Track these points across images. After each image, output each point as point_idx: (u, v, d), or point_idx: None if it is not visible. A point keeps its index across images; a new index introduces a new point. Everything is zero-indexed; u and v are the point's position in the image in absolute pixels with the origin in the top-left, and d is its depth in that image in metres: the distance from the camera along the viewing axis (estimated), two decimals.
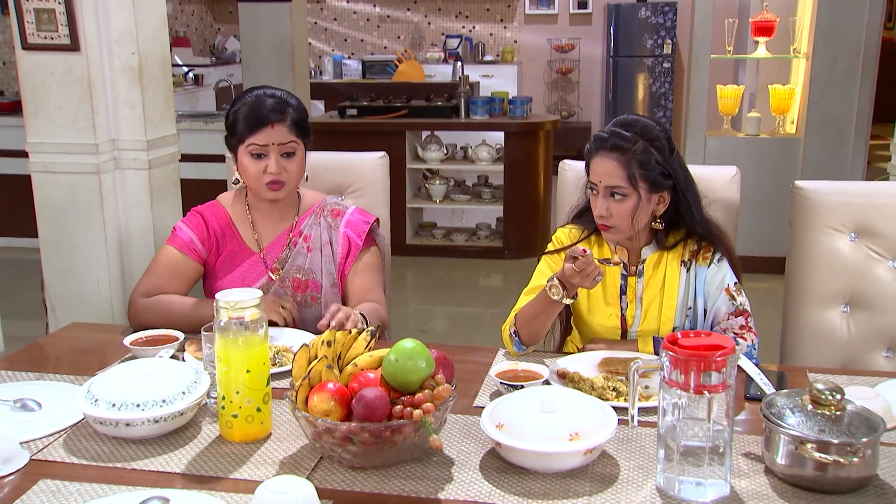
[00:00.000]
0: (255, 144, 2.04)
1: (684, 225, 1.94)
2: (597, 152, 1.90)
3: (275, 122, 2.04)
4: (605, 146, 1.88)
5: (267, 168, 2.04)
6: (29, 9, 3.14)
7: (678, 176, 1.89)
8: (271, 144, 2.04)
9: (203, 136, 5.38)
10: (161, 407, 1.47)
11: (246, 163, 2.07)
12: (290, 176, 2.08)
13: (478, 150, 5.83)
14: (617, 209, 1.88)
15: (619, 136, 1.88)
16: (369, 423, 1.33)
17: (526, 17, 9.26)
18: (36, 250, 3.34)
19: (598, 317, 1.99)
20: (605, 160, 1.88)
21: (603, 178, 1.89)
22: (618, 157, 1.87)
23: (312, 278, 2.14)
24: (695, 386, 1.29)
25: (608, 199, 1.89)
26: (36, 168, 3.27)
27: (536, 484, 1.36)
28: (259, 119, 2.04)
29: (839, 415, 1.34)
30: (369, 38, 9.56)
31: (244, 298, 1.46)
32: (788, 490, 1.34)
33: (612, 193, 1.88)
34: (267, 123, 2.04)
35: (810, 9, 5.16)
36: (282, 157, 2.06)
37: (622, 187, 1.87)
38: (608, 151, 1.88)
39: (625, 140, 1.87)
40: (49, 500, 1.31)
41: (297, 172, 2.10)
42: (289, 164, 2.07)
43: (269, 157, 2.05)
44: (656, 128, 1.89)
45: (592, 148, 1.92)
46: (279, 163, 2.05)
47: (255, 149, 2.04)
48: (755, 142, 5.19)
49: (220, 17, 9.18)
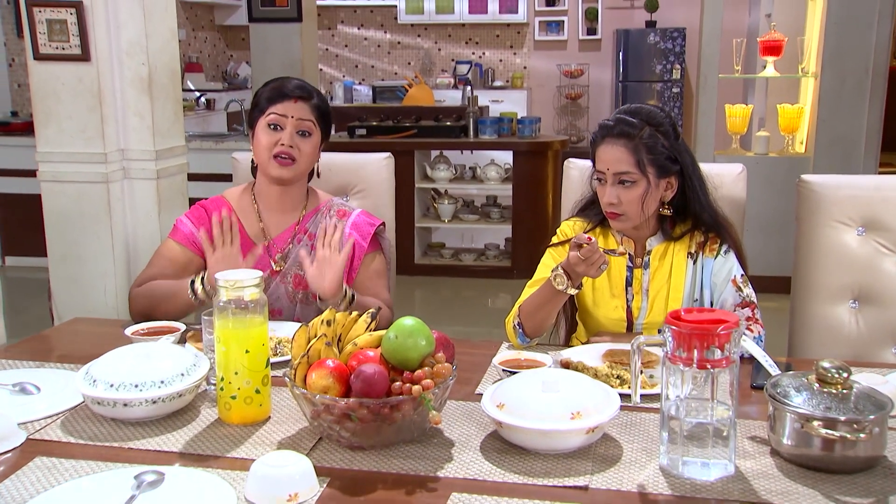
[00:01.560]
0: (274, 114, 2.06)
1: (691, 212, 1.93)
2: (603, 140, 1.90)
3: (298, 98, 2.07)
4: (612, 133, 1.88)
5: (280, 140, 2.05)
6: (41, 19, 3.18)
7: (685, 160, 1.89)
8: (290, 117, 2.05)
9: (213, 156, 5.41)
10: (159, 388, 1.46)
11: (261, 135, 2.07)
12: (301, 155, 2.07)
13: (486, 169, 5.84)
14: (626, 196, 1.87)
15: (625, 122, 1.87)
16: (367, 399, 1.31)
17: (535, 44, 9.33)
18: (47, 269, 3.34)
19: (603, 309, 1.97)
20: (612, 147, 1.87)
21: (611, 165, 1.88)
22: (625, 143, 1.86)
23: None
24: (698, 361, 1.27)
25: (617, 186, 1.88)
26: (45, 177, 3.29)
27: (538, 464, 1.33)
28: (284, 92, 2.08)
29: (846, 393, 1.31)
30: (380, 65, 9.65)
31: (244, 278, 1.45)
32: (795, 470, 1.31)
33: (621, 181, 1.87)
34: (291, 97, 2.07)
35: (818, 28, 5.17)
36: (297, 134, 2.06)
37: (631, 173, 1.86)
38: (615, 138, 1.87)
39: (631, 126, 1.87)
40: (44, 476, 1.30)
41: (308, 154, 2.09)
42: (303, 143, 2.07)
43: (284, 130, 2.06)
44: (661, 114, 1.89)
45: (598, 136, 1.91)
46: (293, 137, 2.06)
47: (273, 118, 2.05)
48: (764, 160, 5.18)
49: (233, 43, 9.28)
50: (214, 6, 8.86)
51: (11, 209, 5.82)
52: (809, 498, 1.23)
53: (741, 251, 1.93)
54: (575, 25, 9.19)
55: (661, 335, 1.31)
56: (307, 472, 1.24)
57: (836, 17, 4.94)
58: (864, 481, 1.27)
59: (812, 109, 5.26)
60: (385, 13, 9.50)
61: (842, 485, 1.26)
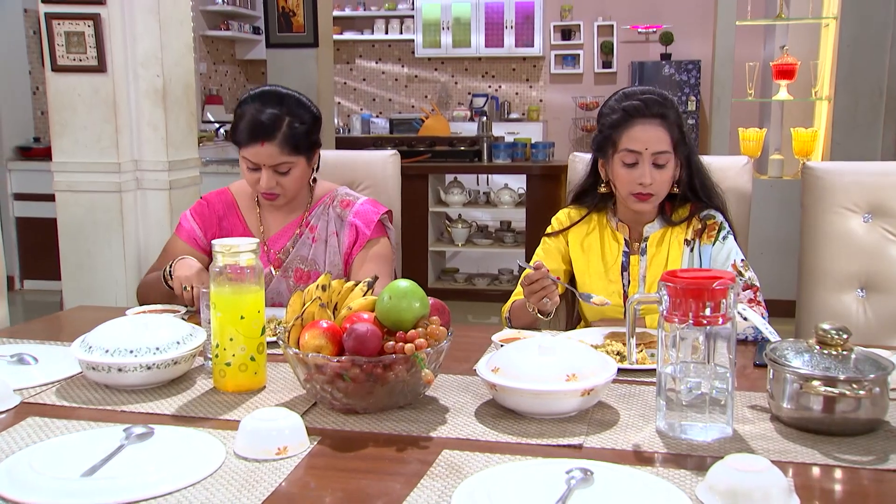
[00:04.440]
0: (246, 159, 2.03)
1: (693, 191, 1.92)
2: (633, 120, 1.87)
3: (265, 141, 1.98)
4: (647, 113, 1.87)
5: (260, 181, 2.03)
6: (60, 32, 3.25)
7: (691, 138, 1.90)
8: (262, 164, 2.01)
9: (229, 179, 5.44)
10: (154, 354, 1.46)
11: (243, 168, 2.06)
12: (285, 189, 2.05)
13: (500, 193, 5.85)
14: (660, 176, 1.88)
15: (656, 102, 1.88)
16: (360, 358, 1.30)
17: (551, 77, 9.39)
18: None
19: (599, 294, 1.95)
20: (649, 126, 1.86)
21: (650, 145, 1.86)
22: (661, 122, 1.87)
23: (315, 269, 2.12)
24: (694, 317, 1.25)
25: (651, 167, 1.87)
26: (60, 187, 3.34)
27: (532, 426, 1.31)
28: (251, 134, 1.99)
29: (846, 354, 1.29)
30: (397, 98, 9.74)
31: (240, 243, 1.45)
32: (795, 433, 1.28)
33: (656, 162, 1.86)
34: (257, 141, 1.98)
35: (831, 52, 5.18)
36: (276, 173, 2.02)
37: (667, 153, 1.87)
38: (651, 118, 1.87)
39: (662, 104, 1.88)
40: (35, 433, 1.29)
41: (293, 185, 2.06)
42: (284, 178, 2.03)
43: (262, 172, 2.02)
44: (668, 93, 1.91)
45: (625, 117, 1.88)
46: (271, 178, 2.01)
47: (247, 163, 2.03)
48: (778, 184, 5.16)
49: (252, 77, 9.42)
50: (235, 41, 9.02)
51: (30, 233, 5.90)
52: (808, 456, 1.20)
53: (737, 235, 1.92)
54: (590, 59, 9.25)
55: (657, 294, 1.29)
56: (297, 427, 1.23)
57: (848, 41, 4.95)
58: (865, 442, 1.24)
59: (826, 133, 5.24)
60: (402, 47, 9.62)
61: (842, 445, 1.23)
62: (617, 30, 9.10)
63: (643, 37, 9.09)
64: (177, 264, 1.95)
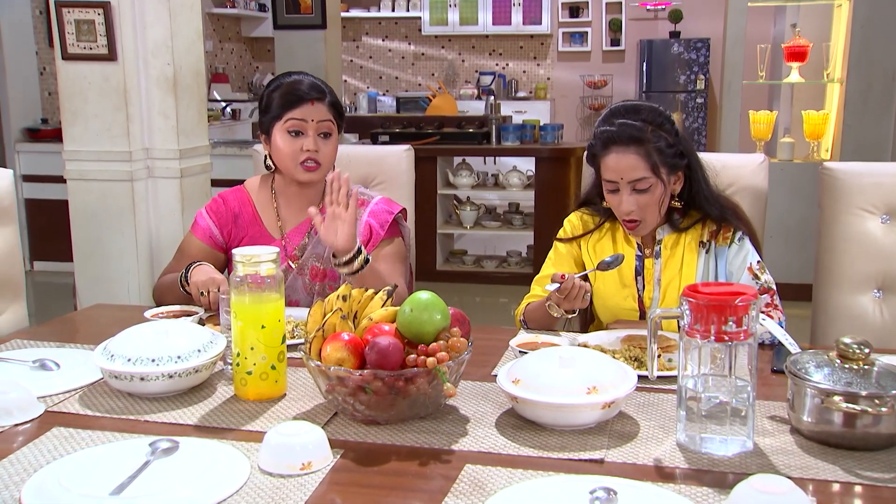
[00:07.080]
0: (293, 119, 2.03)
1: (696, 204, 1.91)
2: (608, 149, 1.84)
3: (314, 100, 2.04)
4: (619, 141, 1.82)
5: (304, 146, 2.03)
6: (70, 20, 3.24)
7: (690, 153, 1.87)
8: (310, 121, 2.03)
9: (237, 162, 5.44)
10: (176, 363, 1.47)
11: (281, 143, 2.05)
12: (325, 157, 2.06)
13: (508, 176, 5.84)
14: (644, 201, 1.84)
15: (630, 126, 1.82)
16: (382, 371, 1.31)
17: (559, 55, 9.34)
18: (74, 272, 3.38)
19: (614, 298, 1.96)
20: (623, 156, 1.82)
21: (625, 174, 1.82)
22: (635, 149, 1.81)
23: (330, 268, 2.13)
24: (716, 333, 1.25)
25: (633, 194, 1.83)
26: (71, 175, 3.33)
27: (553, 439, 1.32)
28: (299, 96, 2.04)
29: (867, 369, 1.29)
30: (404, 76, 9.70)
31: (260, 253, 1.46)
32: (815, 447, 1.29)
33: (637, 188, 1.83)
34: (307, 100, 2.03)
35: (844, 34, 5.13)
36: (319, 137, 2.05)
37: (646, 178, 1.82)
38: (624, 145, 1.82)
39: (637, 130, 1.81)
40: (61, 445, 1.30)
41: (331, 155, 2.09)
42: (325, 144, 2.06)
43: (306, 135, 2.03)
44: (657, 109, 1.87)
45: (601, 145, 1.85)
46: (316, 141, 2.04)
47: (293, 124, 2.03)
48: (788, 167, 5.13)
49: (259, 55, 9.37)
50: (241, 18, 8.95)
51: (40, 214, 5.91)
52: (829, 473, 1.21)
53: (755, 236, 1.91)
54: (599, 36, 9.19)
55: (679, 308, 1.30)
56: (321, 442, 1.24)
57: (861, 22, 4.90)
58: (886, 458, 1.25)
59: (837, 115, 5.21)
60: (409, 25, 9.56)
61: (863, 461, 1.24)
62: (625, 7, 9.03)
63: (652, 14, 9.02)
64: (193, 271, 1.96)
